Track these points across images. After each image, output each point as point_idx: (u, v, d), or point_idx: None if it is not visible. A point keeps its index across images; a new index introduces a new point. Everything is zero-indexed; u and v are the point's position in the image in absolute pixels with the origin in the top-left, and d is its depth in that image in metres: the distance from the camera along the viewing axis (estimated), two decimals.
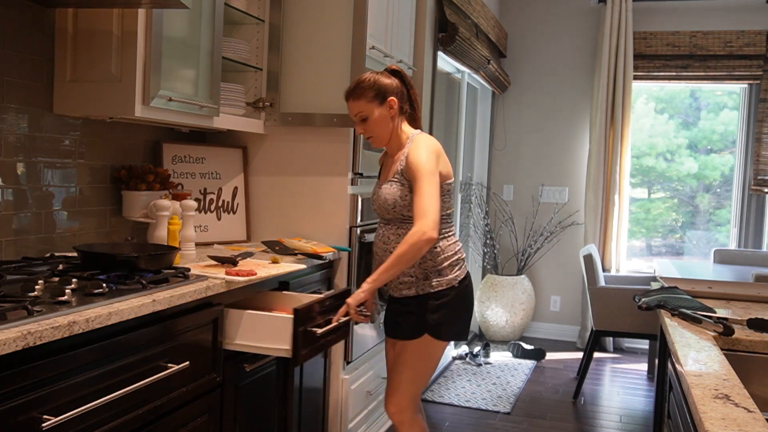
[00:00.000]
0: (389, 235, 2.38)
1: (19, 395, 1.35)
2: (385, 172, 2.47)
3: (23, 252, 2.18)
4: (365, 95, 2.33)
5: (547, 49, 5.73)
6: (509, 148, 5.87)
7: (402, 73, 2.42)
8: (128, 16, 2.14)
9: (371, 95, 2.33)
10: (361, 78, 2.36)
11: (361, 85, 2.34)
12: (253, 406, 2.35)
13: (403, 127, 2.43)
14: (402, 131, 2.42)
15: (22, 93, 2.14)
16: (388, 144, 2.43)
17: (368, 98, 2.33)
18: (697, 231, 5.90)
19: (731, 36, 5.28)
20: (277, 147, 3.11)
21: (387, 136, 2.40)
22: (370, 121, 2.35)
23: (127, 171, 2.55)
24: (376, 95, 2.33)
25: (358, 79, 2.37)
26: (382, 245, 2.40)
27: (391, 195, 2.35)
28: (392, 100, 2.35)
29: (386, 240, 2.39)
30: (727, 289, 2.50)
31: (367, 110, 2.34)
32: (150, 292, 1.80)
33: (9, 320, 1.40)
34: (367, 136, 2.41)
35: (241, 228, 3.09)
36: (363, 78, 2.35)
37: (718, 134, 5.78)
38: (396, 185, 2.35)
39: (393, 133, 2.40)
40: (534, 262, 5.76)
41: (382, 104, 2.34)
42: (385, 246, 2.39)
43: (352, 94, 2.35)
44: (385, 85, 2.35)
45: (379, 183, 2.47)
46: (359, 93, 2.34)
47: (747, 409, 1.21)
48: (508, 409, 3.95)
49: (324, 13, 2.97)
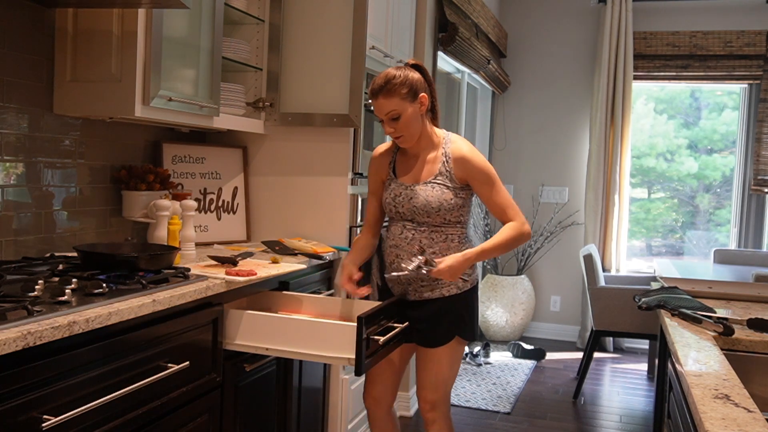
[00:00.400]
0: (421, 238, 2.29)
1: (19, 395, 1.35)
2: (412, 173, 2.33)
3: (23, 252, 2.18)
4: (398, 92, 2.19)
5: (547, 49, 5.73)
6: (509, 148, 5.87)
7: (424, 69, 2.31)
8: (128, 16, 2.14)
9: (404, 92, 2.20)
10: (390, 74, 2.21)
11: (392, 82, 2.19)
12: (253, 406, 2.35)
13: (431, 126, 2.34)
14: (432, 130, 2.33)
15: (22, 93, 2.14)
16: (416, 143, 2.31)
17: (401, 95, 2.20)
18: (697, 231, 5.90)
19: (731, 36, 5.28)
20: (277, 147, 3.11)
21: (417, 135, 2.28)
22: (402, 119, 2.22)
23: (127, 171, 2.55)
24: (408, 92, 2.21)
25: (387, 75, 2.22)
26: (412, 249, 2.28)
27: (435, 197, 2.25)
28: (424, 96, 2.25)
29: (418, 245, 2.28)
30: (727, 289, 2.50)
31: (400, 108, 2.21)
32: (150, 292, 1.80)
33: (9, 320, 1.40)
34: (396, 136, 2.27)
35: (241, 228, 3.09)
36: (393, 74, 2.21)
37: (719, 134, 5.78)
38: (440, 188, 2.26)
39: (423, 132, 2.31)
40: (534, 262, 5.76)
41: (414, 101, 2.23)
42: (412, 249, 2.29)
43: (382, 92, 2.20)
44: (415, 81, 2.23)
45: (404, 183, 2.32)
46: (391, 90, 2.19)
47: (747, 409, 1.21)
48: (508, 409, 3.95)
49: (324, 13, 2.97)
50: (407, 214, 2.31)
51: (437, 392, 2.38)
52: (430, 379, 2.38)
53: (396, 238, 2.34)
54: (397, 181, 2.35)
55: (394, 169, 2.38)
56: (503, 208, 2.30)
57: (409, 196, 2.30)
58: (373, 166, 2.45)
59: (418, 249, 2.26)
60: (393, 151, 2.41)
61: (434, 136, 2.34)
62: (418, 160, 2.34)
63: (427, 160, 2.32)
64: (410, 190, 2.30)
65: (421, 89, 2.25)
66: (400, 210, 2.32)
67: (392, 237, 2.36)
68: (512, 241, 2.28)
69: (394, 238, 2.35)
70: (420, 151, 2.33)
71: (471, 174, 2.28)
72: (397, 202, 2.32)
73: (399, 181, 2.35)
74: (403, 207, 2.31)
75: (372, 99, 2.24)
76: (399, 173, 2.37)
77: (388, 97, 2.20)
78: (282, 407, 2.55)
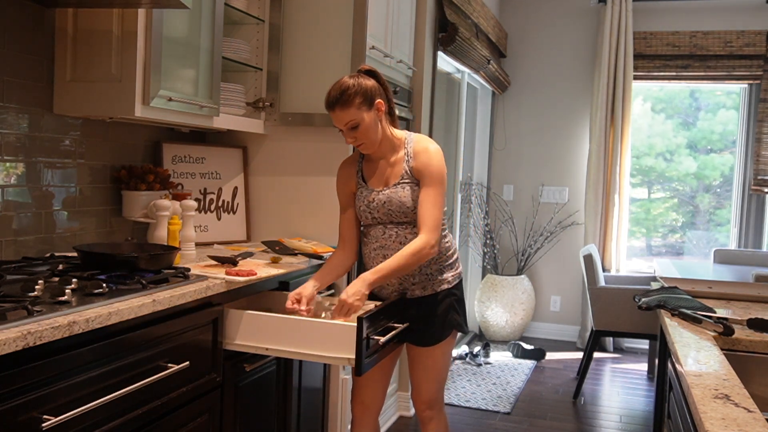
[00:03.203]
0: (406, 234, 2.29)
1: (19, 395, 1.35)
2: (378, 177, 2.34)
3: (23, 252, 2.18)
4: (353, 102, 2.18)
5: (547, 49, 5.73)
6: (509, 148, 5.87)
7: (377, 73, 2.30)
8: (128, 16, 2.14)
9: (359, 101, 2.19)
10: (344, 84, 2.20)
11: (347, 92, 2.18)
12: (253, 406, 2.35)
13: (391, 128, 2.34)
14: (392, 133, 2.34)
15: (22, 93, 2.14)
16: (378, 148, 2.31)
17: (357, 105, 2.19)
18: (697, 231, 5.90)
19: (731, 36, 5.28)
20: (277, 147, 3.11)
21: (378, 141, 2.27)
22: (360, 128, 2.21)
23: (127, 171, 2.55)
24: (364, 100, 2.20)
25: (341, 86, 2.20)
26: (398, 246, 2.28)
27: (407, 197, 2.26)
28: (380, 102, 2.24)
29: (404, 241, 2.28)
30: (727, 289, 2.50)
31: (357, 117, 2.19)
32: (150, 292, 1.80)
33: (9, 320, 1.40)
34: (357, 144, 2.27)
35: (241, 228, 3.09)
36: (347, 84, 2.20)
37: (718, 134, 5.78)
38: (408, 187, 2.27)
39: (383, 136, 2.30)
40: (534, 262, 5.76)
41: (370, 109, 2.22)
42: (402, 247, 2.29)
43: (338, 103, 2.19)
44: (370, 88, 2.22)
45: (374, 188, 2.32)
46: (347, 101, 2.18)
47: (747, 409, 1.21)
48: (508, 409, 3.95)
49: (324, 13, 2.97)
50: (383, 218, 2.31)
51: (434, 390, 2.39)
52: (427, 378, 2.38)
53: (380, 239, 2.33)
54: (367, 188, 2.34)
55: (363, 177, 2.37)
56: (424, 218, 2.22)
57: (382, 201, 2.29)
58: (341, 179, 2.41)
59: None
60: (357, 159, 2.40)
61: (395, 138, 2.33)
62: (383, 163, 2.33)
63: (392, 162, 2.32)
64: (382, 195, 2.30)
65: (376, 95, 2.24)
66: (376, 215, 2.31)
67: (375, 239, 2.34)
68: (410, 267, 2.22)
69: (377, 240, 2.34)
70: (384, 154, 2.33)
71: (425, 166, 2.26)
72: (372, 207, 2.31)
73: (369, 187, 2.34)
74: (378, 212, 2.31)
75: (329, 111, 2.23)
76: (368, 179, 2.36)
77: (345, 108, 2.19)
78: (282, 407, 2.55)
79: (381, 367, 2.39)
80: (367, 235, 2.37)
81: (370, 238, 2.36)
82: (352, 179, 2.39)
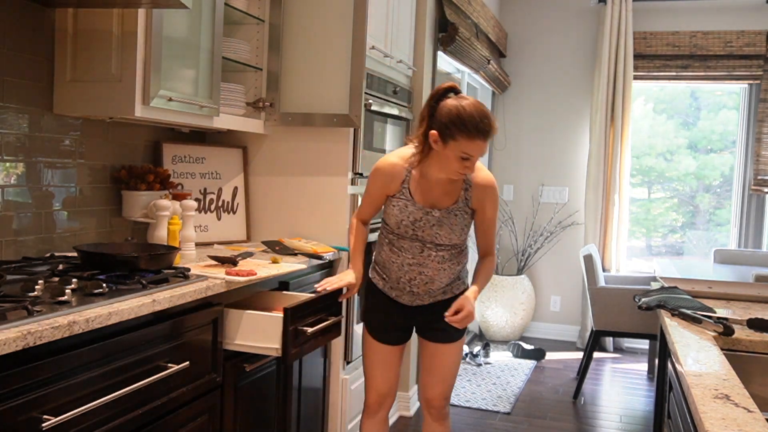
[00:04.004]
0: (444, 255, 2.32)
1: (19, 395, 1.35)
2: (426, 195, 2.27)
3: (23, 252, 2.18)
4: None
5: (547, 49, 5.73)
6: (509, 148, 5.87)
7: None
8: (128, 16, 2.14)
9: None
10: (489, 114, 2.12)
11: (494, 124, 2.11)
12: (253, 406, 2.35)
13: None
14: None
15: (22, 93, 2.14)
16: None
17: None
18: (697, 231, 5.90)
19: (731, 36, 5.28)
20: (277, 147, 3.11)
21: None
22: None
23: (127, 171, 2.55)
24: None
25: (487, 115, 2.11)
26: (437, 266, 2.31)
27: (457, 226, 2.28)
28: None
29: (441, 261, 2.31)
30: (727, 289, 2.50)
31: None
32: (150, 292, 1.80)
33: (9, 320, 1.40)
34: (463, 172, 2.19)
35: (241, 228, 3.09)
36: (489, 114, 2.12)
37: (718, 134, 5.78)
38: (461, 215, 2.28)
39: None
40: (534, 262, 5.76)
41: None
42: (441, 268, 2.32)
43: (489, 135, 2.11)
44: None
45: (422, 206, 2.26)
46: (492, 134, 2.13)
47: (747, 409, 1.21)
48: (508, 409, 3.95)
49: (324, 13, 2.97)
50: (426, 238, 2.29)
51: (450, 385, 2.51)
52: (445, 374, 2.47)
53: (417, 256, 2.31)
54: (414, 203, 2.27)
55: (409, 190, 2.29)
56: (490, 242, 2.40)
57: (431, 223, 2.26)
58: (383, 178, 2.31)
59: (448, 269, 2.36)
60: (406, 169, 2.28)
61: None
62: (437, 184, 2.26)
63: (448, 186, 2.27)
64: (432, 217, 2.26)
65: None
66: (419, 234, 2.29)
67: (410, 254, 2.32)
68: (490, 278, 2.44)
69: (414, 256, 2.32)
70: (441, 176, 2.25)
71: (490, 199, 2.32)
72: (417, 226, 2.28)
73: (418, 204, 2.27)
74: (423, 231, 2.28)
75: (471, 139, 2.09)
76: (415, 195, 2.28)
77: (489, 139, 2.13)
78: (282, 407, 2.55)
79: (392, 353, 2.45)
80: (398, 245, 2.34)
81: (402, 251, 2.33)
82: (395, 187, 2.30)
